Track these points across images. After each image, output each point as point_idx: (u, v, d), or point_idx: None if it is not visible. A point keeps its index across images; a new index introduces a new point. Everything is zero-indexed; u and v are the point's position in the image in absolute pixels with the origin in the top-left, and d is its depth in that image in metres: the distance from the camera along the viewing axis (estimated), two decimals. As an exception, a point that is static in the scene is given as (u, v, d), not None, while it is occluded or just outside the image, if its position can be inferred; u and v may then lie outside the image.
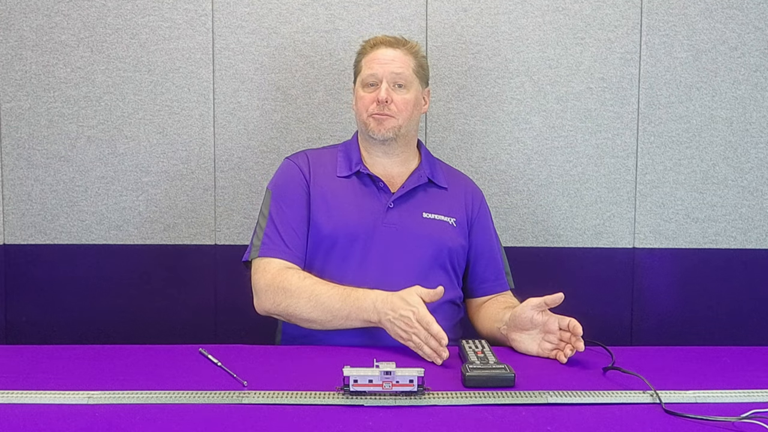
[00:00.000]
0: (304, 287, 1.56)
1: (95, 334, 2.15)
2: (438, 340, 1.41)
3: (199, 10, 2.14)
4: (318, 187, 1.70)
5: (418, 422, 1.12)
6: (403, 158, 1.76)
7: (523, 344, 1.51)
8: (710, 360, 1.48)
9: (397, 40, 1.73)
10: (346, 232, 1.65)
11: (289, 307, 1.57)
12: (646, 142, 2.19)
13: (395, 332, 1.47)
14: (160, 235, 2.17)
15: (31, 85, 2.14)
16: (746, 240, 2.22)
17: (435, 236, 1.69)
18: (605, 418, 1.15)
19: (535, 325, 1.49)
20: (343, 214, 1.67)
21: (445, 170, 1.82)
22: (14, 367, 1.36)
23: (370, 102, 1.69)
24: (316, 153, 1.79)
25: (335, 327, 1.55)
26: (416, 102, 1.73)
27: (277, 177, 1.76)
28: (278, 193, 1.72)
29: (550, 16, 2.16)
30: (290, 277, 1.59)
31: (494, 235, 1.83)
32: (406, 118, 1.70)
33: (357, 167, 1.72)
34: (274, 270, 1.62)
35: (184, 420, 1.12)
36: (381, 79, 1.68)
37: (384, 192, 1.70)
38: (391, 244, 1.66)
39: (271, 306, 1.60)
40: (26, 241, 2.17)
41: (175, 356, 1.44)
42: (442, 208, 1.73)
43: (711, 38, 2.17)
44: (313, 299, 1.55)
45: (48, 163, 2.15)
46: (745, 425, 1.11)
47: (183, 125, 2.16)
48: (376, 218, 1.67)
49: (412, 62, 1.72)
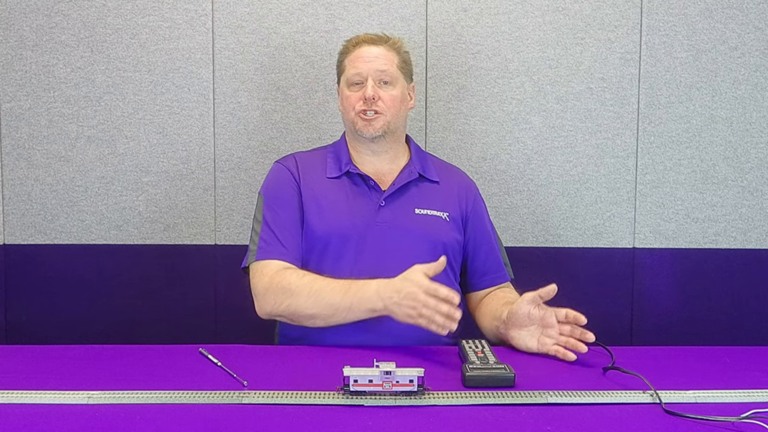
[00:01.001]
0: (304, 284, 1.56)
1: (95, 334, 2.15)
2: (449, 301, 1.41)
3: (199, 10, 2.14)
4: (308, 189, 1.70)
5: (418, 422, 1.12)
6: (393, 155, 1.76)
7: (522, 341, 1.50)
8: (710, 360, 1.48)
9: (379, 37, 1.73)
10: (338, 233, 1.65)
11: (291, 306, 1.56)
12: (646, 142, 2.19)
13: (403, 313, 1.46)
14: (160, 235, 2.17)
15: (31, 85, 2.14)
16: (746, 240, 2.22)
17: (428, 232, 1.68)
18: (605, 418, 1.15)
19: (532, 321, 1.49)
20: (335, 215, 1.67)
21: (437, 164, 1.82)
22: (14, 367, 1.36)
23: (357, 100, 1.69)
24: (304, 156, 1.79)
25: (339, 322, 1.54)
26: (402, 98, 1.72)
27: (268, 181, 1.76)
28: (270, 197, 1.72)
29: (550, 16, 2.16)
30: (289, 276, 1.59)
31: (490, 227, 1.82)
32: (394, 114, 1.70)
33: (347, 167, 1.72)
34: (272, 272, 1.61)
35: (184, 420, 1.11)
36: (366, 77, 1.68)
37: (375, 190, 1.70)
38: (385, 243, 1.66)
39: (272, 308, 1.59)
40: (26, 241, 2.17)
41: (175, 356, 1.44)
42: (435, 203, 1.73)
43: (711, 38, 2.17)
44: (314, 295, 1.54)
45: (48, 163, 2.15)
46: (745, 425, 1.11)
47: (183, 125, 2.16)
48: (368, 217, 1.67)
49: (396, 58, 1.72)
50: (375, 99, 1.67)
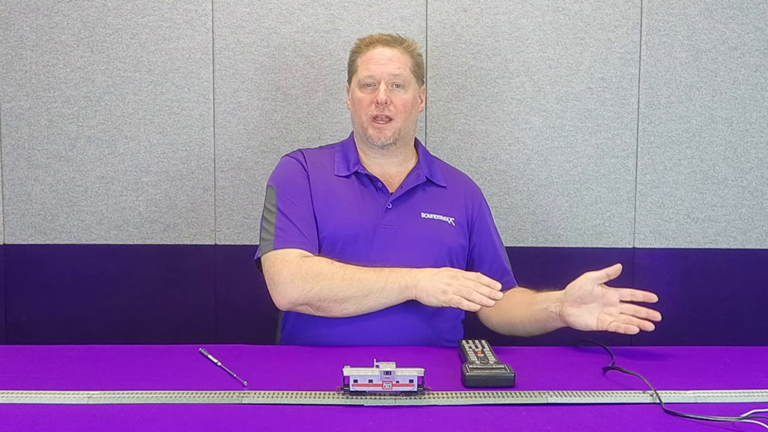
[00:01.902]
0: (335, 268, 1.56)
1: (95, 334, 2.15)
2: (490, 285, 1.49)
3: (199, 10, 2.14)
4: (317, 185, 1.68)
5: (418, 422, 1.12)
6: (401, 158, 1.75)
7: (582, 318, 1.51)
8: (710, 360, 1.48)
9: (393, 39, 1.72)
10: (346, 233, 1.65)
11: (323, 290, 1.53)
12: (646, 142, 2.19)
13: (436, 288, 1.51)
14: (160, 235, 2.17)
15: (31, 85, 2.14)
16: (746, 240, 2.22)
17: (433, 236, 1.68)
18: (605, 418, 1.15)
19: (595, 298, 1.50)
20: (344, 213, 1.66)
21: (444, 169, 1.82)
22: (14, 367, 1.36)
23: (369, 104, 1.67)
24: (312, 152, 1.77)
25: (371, 306, 1.55)
26: (414, 102, 1.72)
27: (278, 172, 1.73)
28: (284, 187, 1.68)
29: (550, 16, 2.16)
30: (317, 262, 1.57)
31: (496, 234, 1.82)
32: (405, 119, 1.69)
33: (355, 167, 1.71)
34: (296, 259, 1.57)
35: (184, 420, 1.11)
36: (379, 80, 1.66)
37: (382, 192, 1.70)
38: (390, 246, 1.65)
39: (300, 294, 1.54)
40: (26, 241, 2.17)
41: (175, 356, 1.44)
42: (441, 207, 1.72)
43: (711, 38, 2.17)
44: (348, 278, 1.54)
45: (48, 163, 2.15)
46: (745, 425, 1.11)
47: (183, 125, 2.16)
48: (375, 219, 1.67)
49: (410, 62, 1.71)
50: (387, 103, 1.66)
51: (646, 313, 1.48)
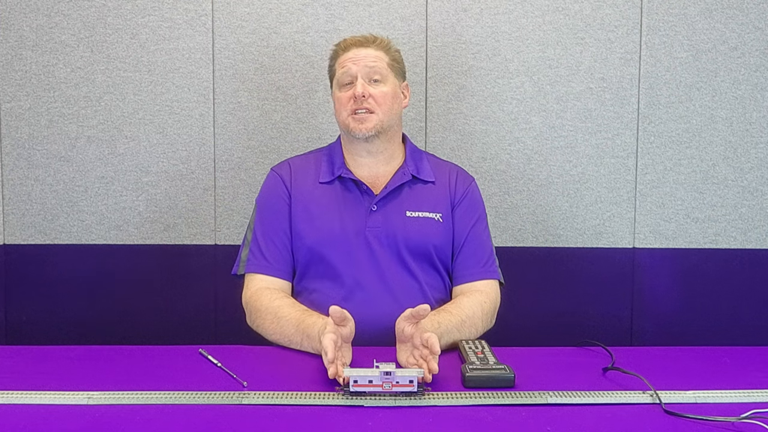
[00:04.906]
0: (272, 309, 1.59)
1: (95, 334, 2.15)
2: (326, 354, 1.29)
3: (199, 10, 2.14)
4: (300, 196, 1.71)
5: (418, 422, 1.12)
6: (387, 156, 1.74)
7: (400, 356, 1.41)
8: (710, 360, 1.48)
9: (366, 39, 1.73)
10: (330, 241, 1.66)
11: (259, 327, 1.63)
12: (646, 142, 2.19)
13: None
14: (160, 235, 2.17)
15: (31, 85, 2.14)
16: (746, 240, 2.22)
17: (419, 235, 1.68)
18: (605, 418, 1.15)
19: (407, 338, 1.39)
20: (326, 222, 1.67)
21: (433, 163, 1.80)
22: (14, 367, 1.36)
23: (348, 100, 1.68)
24: (299, 160, 1.79)
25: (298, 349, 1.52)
26: (394, 95, 1.71)
27: (262, 190, 1.78)
28: (262, 206, 1.75)
29: (550, 16, 2.16)
30: (262, 297, 1.63)
31: (480, 223, 1.75)
32: (386, 111, 1.68)
33: (339, 171, 1.71)
34: (253, 288, 1.68)
35: (184, 420, 1.12)
36: (356, 76, 1.67)
37: (367, 194, 1.70)
38: (377, 248, 1.66)
39: (249, 323, 1.67)
40: (26, 241, 2.17)
41: (175, 357, 1.44)
42: (427, 204, 1.71)
43: (711, 38, 2.17)
44: (275, 322, 1.58)
45: (48, 163, 2.15)
46: (745, 425, 1.11)
47: (183, 125, 2.16)
48: (359, 223, 1.67)
49: (386, 57, 1.71)
50: (365, 96, 1.66)
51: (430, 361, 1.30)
